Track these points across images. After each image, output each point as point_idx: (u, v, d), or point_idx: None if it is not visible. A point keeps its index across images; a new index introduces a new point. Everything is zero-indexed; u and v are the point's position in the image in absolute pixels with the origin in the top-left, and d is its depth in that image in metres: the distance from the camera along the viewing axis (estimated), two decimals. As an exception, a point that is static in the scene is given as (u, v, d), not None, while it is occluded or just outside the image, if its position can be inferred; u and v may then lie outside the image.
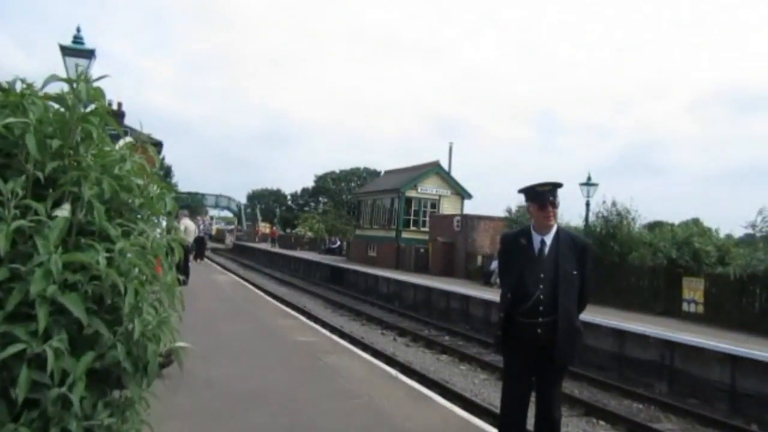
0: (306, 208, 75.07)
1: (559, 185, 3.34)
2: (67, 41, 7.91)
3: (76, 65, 7.38)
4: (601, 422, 7.98)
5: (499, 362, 11.39)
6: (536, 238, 3.37)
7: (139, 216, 2.45)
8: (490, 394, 9.20)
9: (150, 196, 2.41)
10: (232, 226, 65.24)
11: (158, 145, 37.12)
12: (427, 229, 26.58)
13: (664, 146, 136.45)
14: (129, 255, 2.17)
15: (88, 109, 2.20)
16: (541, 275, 3.25)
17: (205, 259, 24.64)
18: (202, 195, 63.16)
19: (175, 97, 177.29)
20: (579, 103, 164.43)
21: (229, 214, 70.79)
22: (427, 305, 18.29)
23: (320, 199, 79.59)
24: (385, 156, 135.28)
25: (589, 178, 17.03)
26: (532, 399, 3.41)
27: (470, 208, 27.18)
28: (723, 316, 12.77)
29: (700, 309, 13.39)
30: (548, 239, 3.35)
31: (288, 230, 61.10)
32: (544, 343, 3.19)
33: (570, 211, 19.07)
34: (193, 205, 55.07)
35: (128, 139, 2.43)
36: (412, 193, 27.43)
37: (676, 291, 13.96)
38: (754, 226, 13.75)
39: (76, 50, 7.58)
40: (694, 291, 13.57)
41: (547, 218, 3.34)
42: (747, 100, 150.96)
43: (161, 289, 2.32)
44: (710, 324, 12.60)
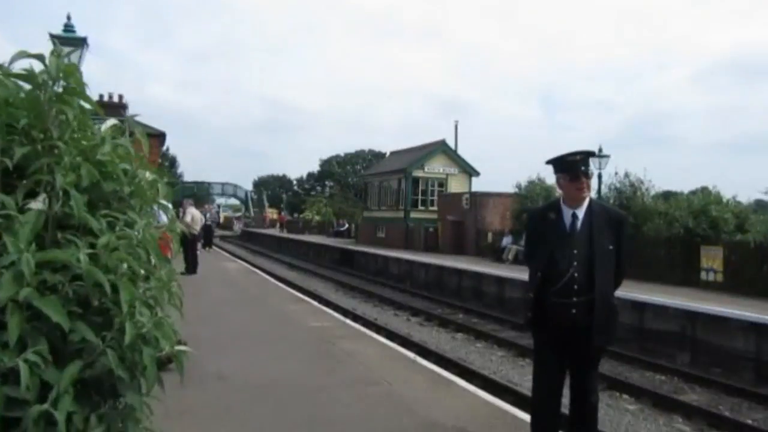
0: (312, 193, 74.87)
1: (592, 153, 3.07)
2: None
3: (68, 54, 7.11)
4: (625, 396, 7.80)
5: (516, 338, 11.28)
6: (567, 212, 3.11)
7: (129, 205, 2.22)
8: (509, 372, 9.05)
9: (140, 183, 2.17)
10: (240, 214, 65.26)
11: (162, 136, 36.90)
12: (435, 209, 26.32)
13: (671, 118, 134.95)
14: (119, 249, 1.94)
15: (63, 88, 1.97)
16: (574, 251, 3.00)
17: (214, 247, 24.55)
18: (209, 184, 63.21)
19: (177, 89, 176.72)
20: (582, 79, 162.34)
21: (236, 202, 70.85)
22: (438, 284, 18.11)
23: (326, 183, 79.34)
24: (389, 139, 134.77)
25: (601, 150, 16.69)
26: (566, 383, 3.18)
27: (477, 186, 26.88)
28: (743, 284, 12.51)
29: (720, 277, 13.11)
30: (580, 213, 3.09)
31: (295, 215, 61.03)
32: (579, 324, 2.95)
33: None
34: (200, 194, 55.11)
35: (112, 121, 2.17)
36: (419, 173, 27.12)
37: (694, 260, 13.68)
38: (769, 193, 13.41)
39: (67, 39, 7.30)
40: (712, 260, 13.28)
41: (580, 190, 3.07)
42: (753, 68, 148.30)
43: (156, 285, 2.09)
44: (730, 292, 12.35)
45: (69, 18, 7.44)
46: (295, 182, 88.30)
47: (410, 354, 6.27)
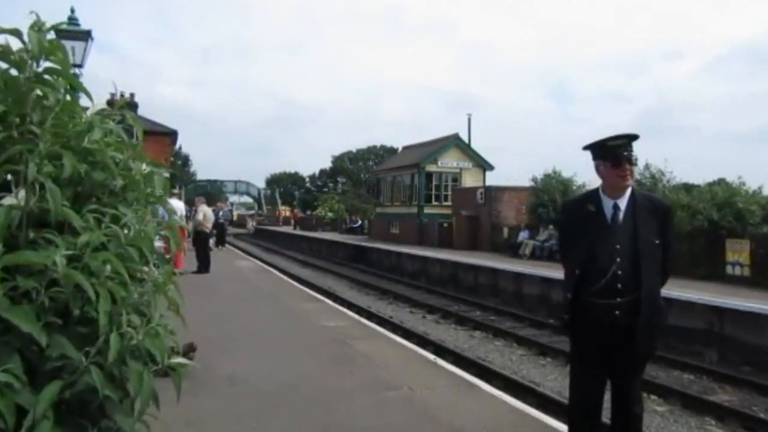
0: (325, 189, 74.75)
1: (635, 137, 2.76)
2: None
3: (73, 48, 6.93)
4: (653, 396, 7.46)
5: (536, 336, 10.98)
6: (607, 203, 2.81)
7: (123, 200, 1.98)
8: (530, 371, 8.78)
9: (134, 175, 1.92)
10: (253, 211, 65.29)
11: (173, 135, 36.88)
12: (449, 203, 25.98)
13: (684, 108, 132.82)
14: (108, 249, 1.70)
15: (44, 67, 1.72)
16: (617, 246, 2.71)
17: (227, 245, 24.44)
18: (221, 182, 63.26)
19: (188, 88, 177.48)
20: (594, 70, 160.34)
21: (249, 200, 70.89)
22: (454, 281, 17.82)
23: (338, 179, 79.24)
24: (401, 134, 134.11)
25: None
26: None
27: (491, 180, 26.46)
28: (771, 278, 12.07)
29: (746, 271, 12.67)
30: (622, 203, 2.79)
31: (308, 212, 60.95)
32: (623, 327, 2.67)
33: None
34: (213, 192, 55.18)
35: (101, 105, 1.92)
36: (432, 168, 26.78)
37: (719, 254, 13.24)
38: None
39: (71, 32, 7.10)
40: (738, 253, 12.84)
41: (623, 178, 2.76)
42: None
43: (150, 289, 1.83)
44: (757, 286, 11.91)
45: (73, 11, 7.25)
46: (307, 179, 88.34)
47: (430, 355, 6.00)
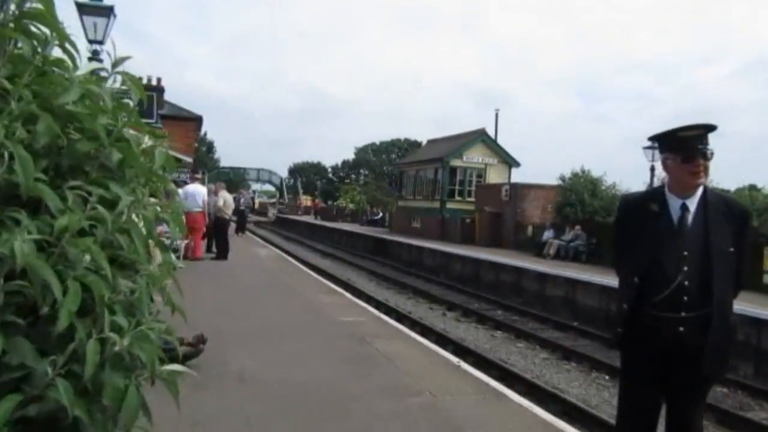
0: (347, 181, 74.64)
1: (712, 128, 2.38)
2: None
3: (95, 24, 6.71)
4: (685, 411, 7.04)
5: (559, 339, 10.58)
6: (674, 203, 2.45)
7: (118, 176, 1.69)
8: (554, 376, 8.43)
9: (129, 146, 1.63)
10: (274, 200, 65.49)
11: (198, 120, 36.79)
12: (473, 199, 25.52)
13: (716, 112, 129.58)
14: (95, 234, 1.41)
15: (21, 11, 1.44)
16: (684, 253, 2.35)
17: (247, 233, 24.37)
18: (244, 169, 63.52)
19: (216, 76, 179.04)
20: (622, 71, 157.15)
21: (271, 188, 71.15)
22: (475, 278, 17.43)
23: (361, 171, 79.06)
24: (425, 129, 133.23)
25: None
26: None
27: (515, 178, 25.92)
28: (812, 289, 11.47)
29: (785, 281, 12.08)
30: (692, 204, 2.43)
31: (329, 203, 60.88)
32: (687, 346, 2.32)
33: (630, 178, 17.81)
34: (236, 179, 55.41)
35: (94, 65, 1.63)
36: (456, 162, 26.31)
37: (756, 262, 12.65)
38: None
39: (93, 7, 6.88)
40: (778, 262, 12.25)
41: (696, 175, 2.39)
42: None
43: (143, 283, 1.54)
44: (797, 298, 11.33)
45: (95, -18, 7.04)
46: (330, 170, 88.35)
47: (452, 358, 5.67)
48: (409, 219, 29.33)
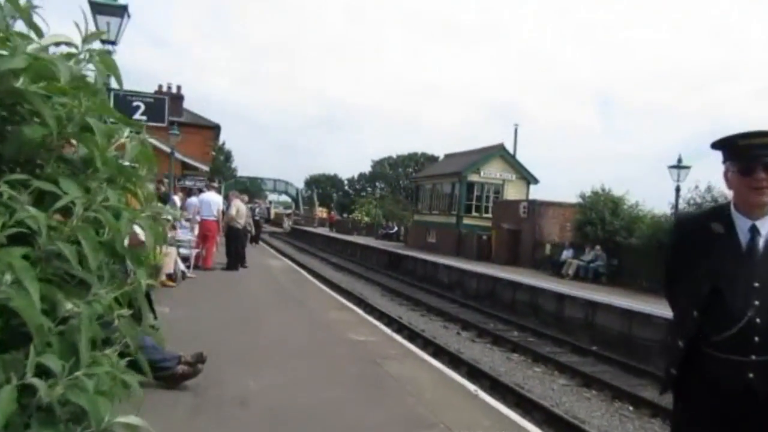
0: (363, 194, 74.52)
1: None
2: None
3: (108, 24, 6.56)
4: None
5: (578, 364, 10.07)
6: (742, 224, 2.04)
7: (79, 170, 1.40)
8: (573, 404, 7.99)
9: (90, 133, 1.34)
10: (290, 211, 65.52)
11: (216, 128, 36.94)
12: (490, 215, 25.10)
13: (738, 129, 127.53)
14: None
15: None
16: (755, 285, 1.95)
17: (261, 243, 24.17)
18: (261, 179, 63.69)
19: (235, 85, 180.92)
20: (642, 87, 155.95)
21: (287, 199, 71.21)
22: (491, 296, 16.99)
23: (377, 184, 78.86)
24: (442, 143, 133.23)
25: (680, 160, 15.09)
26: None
27: (534, 195, 25.48)
28: None
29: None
30: (764, 227, 2.02)
31: (345, 215, 60.73)
32: (757, 395, 1.93)
33: (654, 197, 17.22)
34: (252, 189, 55.50)
35: (57, 37, 1.34)
36: (474, 177, 25.96)
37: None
38: None
39: (107, 6, 6.73)
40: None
41: (758, 191, 1.97)
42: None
43: (85, 310, 1.23)
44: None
45: (109, -19, 6.88)
46: (346, 182, 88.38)
47: (469, 385, 5.30)
48: (424, 233, 28.97)
